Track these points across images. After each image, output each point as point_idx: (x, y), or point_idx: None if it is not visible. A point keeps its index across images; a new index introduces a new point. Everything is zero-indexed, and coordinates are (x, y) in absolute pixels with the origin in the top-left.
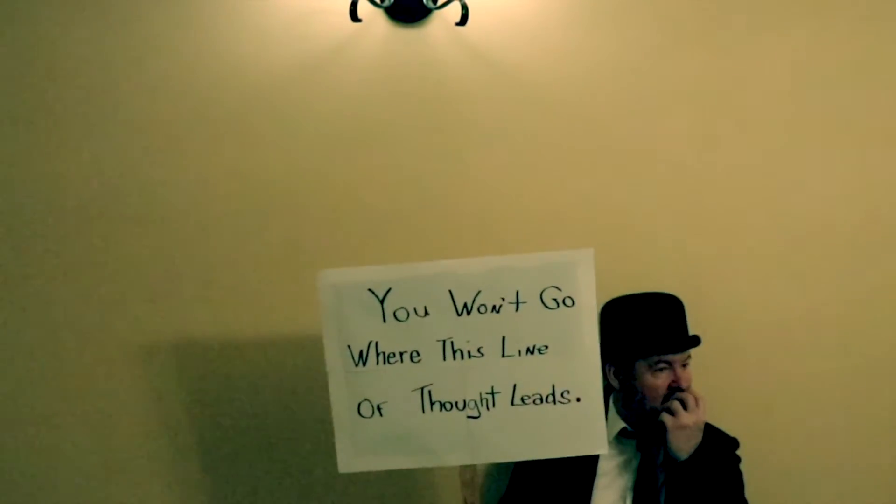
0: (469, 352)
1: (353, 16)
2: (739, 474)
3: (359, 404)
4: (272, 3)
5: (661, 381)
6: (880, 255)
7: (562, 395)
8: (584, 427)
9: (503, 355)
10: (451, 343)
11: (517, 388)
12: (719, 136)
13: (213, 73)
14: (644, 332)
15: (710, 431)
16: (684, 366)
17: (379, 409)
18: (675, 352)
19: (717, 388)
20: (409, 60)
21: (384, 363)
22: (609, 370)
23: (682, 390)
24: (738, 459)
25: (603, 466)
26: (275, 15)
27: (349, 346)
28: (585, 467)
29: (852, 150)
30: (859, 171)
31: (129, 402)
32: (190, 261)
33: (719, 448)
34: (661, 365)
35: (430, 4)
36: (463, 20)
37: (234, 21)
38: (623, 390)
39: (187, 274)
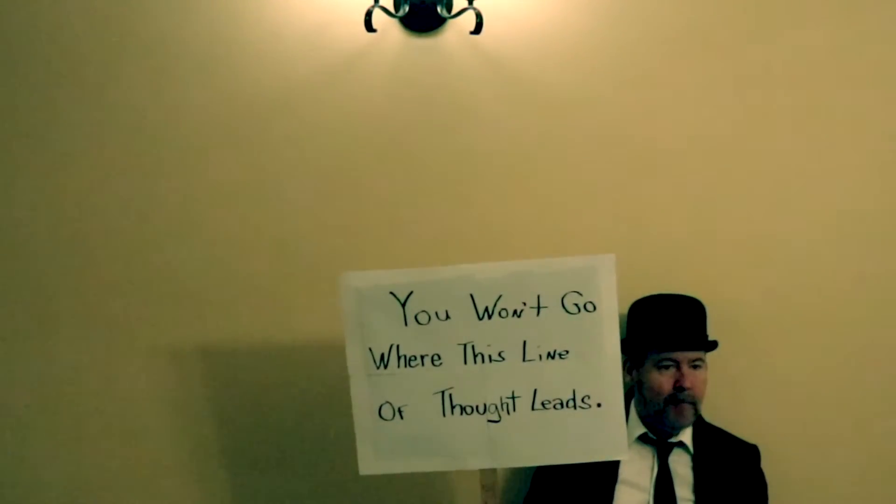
0: (490, 356)
1: (368, 26)
2: (764, 483)
3: (380, 407)
4: (289, 15)
5: (664, 378)
6: None
7: (582, 399)
8: (604, 432)
9: (524, 359)
10: (472, 347)
11: (538, 392)
12: (736, 139)
13: (232, 83)
14: (652, 329)
15: (729, 440)
16: (695, 367)
17: (400, 411)
18: (677, 349)
19: (735, 390)
20: (425, 69)
21: (405, 366)
22: (625, 366)
23: (685, 390)
24: (760, 469)
25: (624, 471)
26: (291, 26)
27: (370, 349)
28: (606, 472)
29: (870, 150)
30: (877, 172)
31: (152, 407)
32: (211, 267)
33: (742, 457)
34: (666, 362)
35: (445, 13)
36: (477, 29)
37: (252, 33)
38: (637, 388)
39: (209, 279)
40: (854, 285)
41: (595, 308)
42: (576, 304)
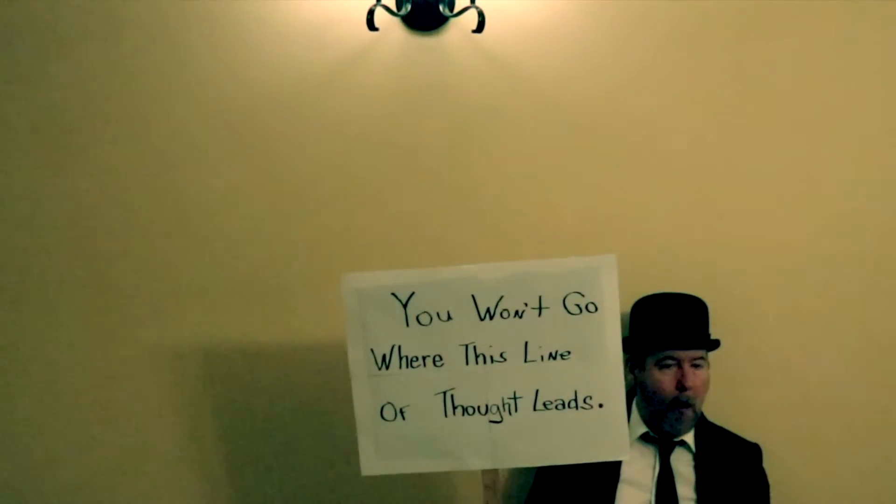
0: (492, 356)
1: (371, 25)
2: (766, 482)
3: (382, 408)
4: (291, 14)
5: (665, 377)
6: None
7: (584, 400)
8: (606, 433)
9: (526, 360)
10: (474, 348)
11: (539, 393)
12: (737, 138)
13: (234, 82)
14: (654, 328)
15: (731, 439)
16: (696, 366)
17: (402, 412)
18: (678, 348)
19: (737, 389)
20: (427, 67)
21: (407, 367)
22: (627, 365)
23: (687, 389)
24: (762, 468)
25: (626, 470)
26: (294, 25)
27: (372, 350)
28: (608, 471)
29: (872, 148)
30: (878, 170)
31: (152, 406)
32: (214, 266)
33: (744, 456)
34: (668, 361)
35: (447, 12)
36: (479, 27)
37: (255, 32)
38: (639, 387)
39: (211, 279)
40: (856, 283)
41: (597, 309)
42: (577, 305)
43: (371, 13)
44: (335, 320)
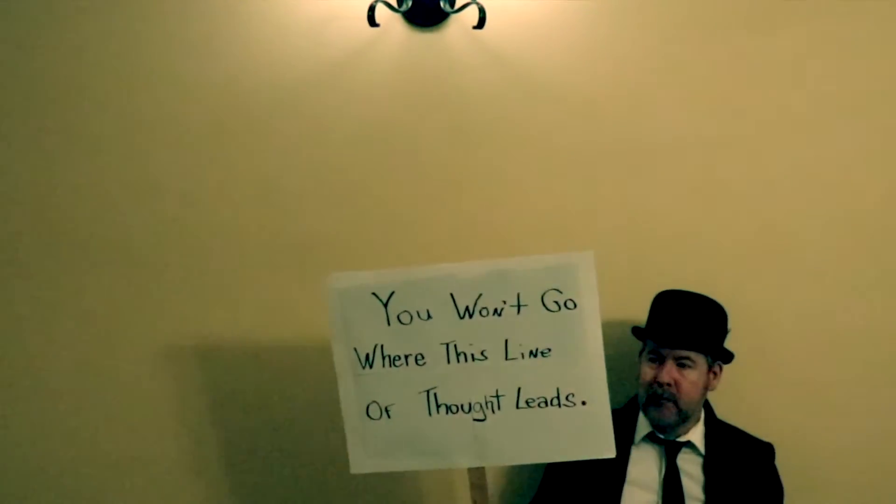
0: (472, 355)
1: (372, 21)
2: (778, 482)
3: (367, 406)
4: (292, 10)
5: (648, 370)
6: None
7: (567, 398)
8: (590, 430)
9: (506, 358)
10: (455, 346)
11: (522, 390)
12: (734, 136)
13: (233, 79)
14: (650, 320)
15: (742, 438)
16: (683, 366)
17: (387, 411)
18: (659, 343)
19: (749, 388)
20: (427, 64)
21: (390, 366)
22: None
23: (661, 385)
24: (775, 468)
25: (632, 471)
26: (294, 21)
27: (356, 349)
28: (614, 472)
29: (874, 146)
30: (882, 168)
31: (151, 405)
32: (208, 264)
33: (755, 455)
34: (652, 355)
35: (448, 8)
36: (480, 23)
37: (255, 28)
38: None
39: (205, 277)
40: (869, 284)
41: (576, 306)
42: (556, 302)
43: (372, 9)
44: (327, 318)
